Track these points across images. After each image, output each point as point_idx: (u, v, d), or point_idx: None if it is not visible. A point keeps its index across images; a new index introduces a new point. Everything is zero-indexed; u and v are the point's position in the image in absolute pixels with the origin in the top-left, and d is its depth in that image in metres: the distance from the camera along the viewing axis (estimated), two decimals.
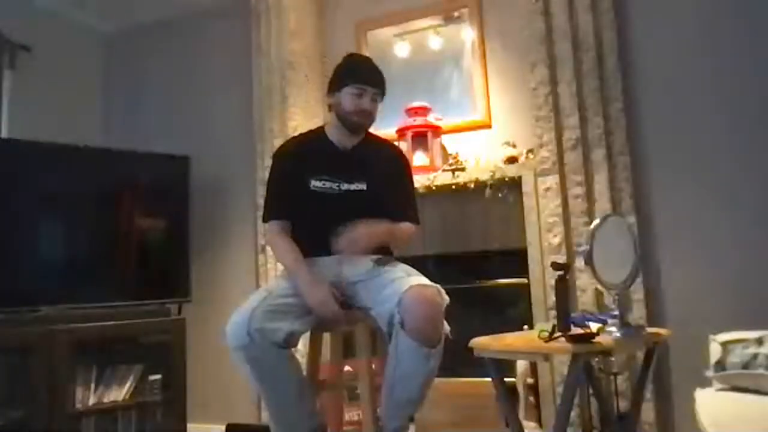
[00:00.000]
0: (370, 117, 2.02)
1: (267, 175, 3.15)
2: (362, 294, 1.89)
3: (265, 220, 2.06)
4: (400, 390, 1.79)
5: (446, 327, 1.77)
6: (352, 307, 1.91)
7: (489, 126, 2.98)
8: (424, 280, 1.79)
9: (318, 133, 2.12)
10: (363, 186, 1.99)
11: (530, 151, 2.76)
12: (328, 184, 1.97)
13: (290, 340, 1.76)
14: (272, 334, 1.71)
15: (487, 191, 2.77)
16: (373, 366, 1.95)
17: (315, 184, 1.97)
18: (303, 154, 2.05)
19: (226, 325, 1.76)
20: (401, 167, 2.13)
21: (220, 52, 3.67)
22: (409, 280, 1.77)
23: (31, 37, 3.45)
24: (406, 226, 2.03)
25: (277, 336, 1.72)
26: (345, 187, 1.98)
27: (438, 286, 1.78)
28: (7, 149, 2.94)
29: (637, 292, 2.48)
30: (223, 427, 3.16)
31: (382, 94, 2.04)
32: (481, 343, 1.96)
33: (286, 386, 1.80)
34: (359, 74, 2.01)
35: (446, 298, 1.78)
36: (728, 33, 2.57)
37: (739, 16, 2.56)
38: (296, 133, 3.14)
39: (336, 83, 2.03)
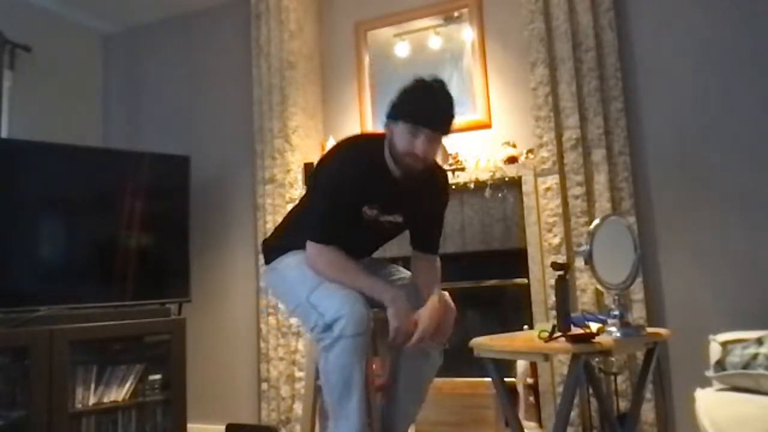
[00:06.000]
0: (424, 161, 1.78)
1: (266, 175, 3.21)
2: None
3: (318, 240, 1.82)
4: (411, 385, 1.88)
5: None
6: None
7: (489, 126, 2.98)
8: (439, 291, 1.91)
9: (380, 156, 1.85)
10: (400, 219, 1.91)
11: (530, 151, 2.76)
12: (375, 212, 1.86)
13: None
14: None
15: (487, 191, 2.77)
16: (374, 366, 1.95)
17: (366, 211, 1.84)
18: (365, 183, 1.82)
19: (335, 313, 1.63)
20: (442, 203, 2.02)
21: (220, 52, 3.67)
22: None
23: (31, 37, 3.45)
24: (432, 267, 2.00)
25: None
26: (389, 219, 1.89)
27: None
28: (7, 149, 2.94)
29: (637, 292, 2.48)
30: (223, 427, 3.16)
31: (445, 132, 1.79)
32: (481, 343, 1.95)
33: (364, 378, 1.73)
34: (417, 112, 1.74)
35: None
36: (728, 32, 2.57)
37: (739, 15, 2.56)
38: (297, 130, 3.18)
39: (393, 111, 1.79)
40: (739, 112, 2.52)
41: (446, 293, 1.87)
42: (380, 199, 1.85)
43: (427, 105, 1.75)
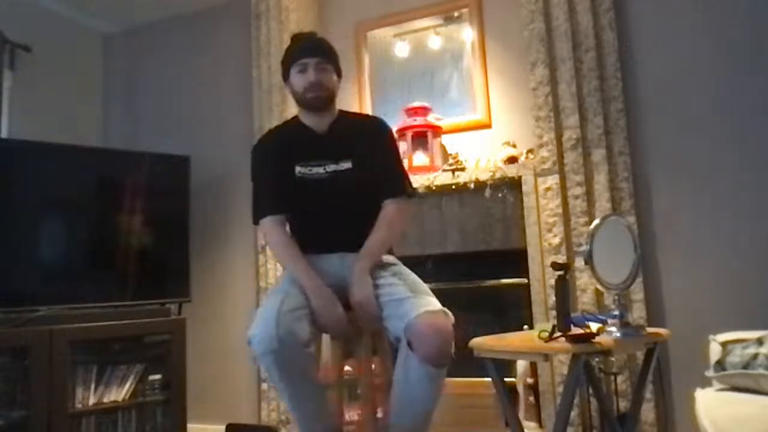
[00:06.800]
0: (322, 87, 1.92)
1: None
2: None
3: (256, 220, 1.97)
4: (410, 412, 1.75)
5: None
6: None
7: (489, 126, 2.98)
8: (432, 303, 1.71)
9: (293, 122, 2.06)
10: (349, 164, 1.91)
11: (530, 151, 2.76)
12: (314, 169, 1.91)
13: (313, 339, 1.73)
14: (300, 335, 1.64)
15: (487, 191, 2.77)
16: (373, 366, 1.95)
17: (300, 170, 1.91)
18: (282, 143, 1.98)
19: (250, 331, 1.66)
20: (383, 137, 2.01)
21: (220, 53, 3.67)
22: (417, 303, 1.69)
23: (31, 37, 3.45)
24: (393, 212, 1.91)
25: (304, 336, 1.66)
26: (331, 168, 1.91)
27: (445, 309, 1.70)
28: (7, 149, 2.94)
29: (637, 292, 2.48)
30: (223, 427, 3.16)
31: (329, 61, 1.96)
32: (481, 343, 1.96)
33: (313, 385, 1.75)
34: (295, 52, 1.96)
35: (452, 319, 1.70)
36: (728, 33, 2.57)
37: (739, 15, 2.56)
38: None
39: (284, 72, 2.00)
40: (740, 111, 2.52)
41: (449, 313, 1.70)
42: (310, 153, 1.92)
43: (299, 43, 1.98)
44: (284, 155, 1.94)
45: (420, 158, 2.91)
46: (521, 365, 2.60)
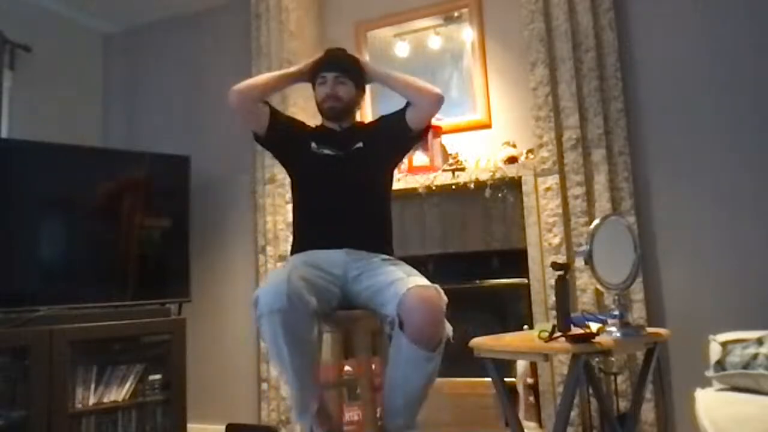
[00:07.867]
0: (338, 99, 2.08)
1: (266, 175, 3.22)
2: (365, 293, 1.87)
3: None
4: (400, 394, 1.76)
5: (449, 329, 1.73)
6: (355, 307, 1.90)
7: (489, 126, 2.98)
8: (425, 281, 1.77)
9: (318, 124, 2.23)
10: (361, 144, 2.08)
11: (530, 151, 2.76)
12: (327, 151, 2.07)
13: (317, 314, 1.74)
14: (308, 300, 1.68)
15: (487, 191, 2.77)
16: (373, 366, 1.95)
17: (315, 146, 2.07)
18: (304, 126, 2.21)
19: (257, 291, 1.70)
20: (387, 114, 2.20)
21: (221, 52, 3.67)
22: (409, 280, 1.75)
23: (31, 37, 3.45)
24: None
25: (312, 304, 1.69)
26: (347, 151, 2.07)
27: (437, 286, 1.75)
28: (7, 149, 2.94)
29: (637, 292, 2.49)
30: (223, 427, 3.16)
31: (349, 76, 2.10)
32: (481, 343, 1.96)
33: (312, 355, 1.74)
34: (318, 66, 2.14)
35: (445, 298, 1.74)
36: (728, 33, 2.57)
37: (739, 15, 2.56)
38: None
39: (312, 84, 2.18)
40: (740, 111, 2.52)
41: (440, 291, 1.75)
42: (326, 139, 2.09)
43: (325, 58, 2.16)
44: (304, 132, 2.14)
45: (420, 158, 2.91)
46: (521, 365, 2.60)
